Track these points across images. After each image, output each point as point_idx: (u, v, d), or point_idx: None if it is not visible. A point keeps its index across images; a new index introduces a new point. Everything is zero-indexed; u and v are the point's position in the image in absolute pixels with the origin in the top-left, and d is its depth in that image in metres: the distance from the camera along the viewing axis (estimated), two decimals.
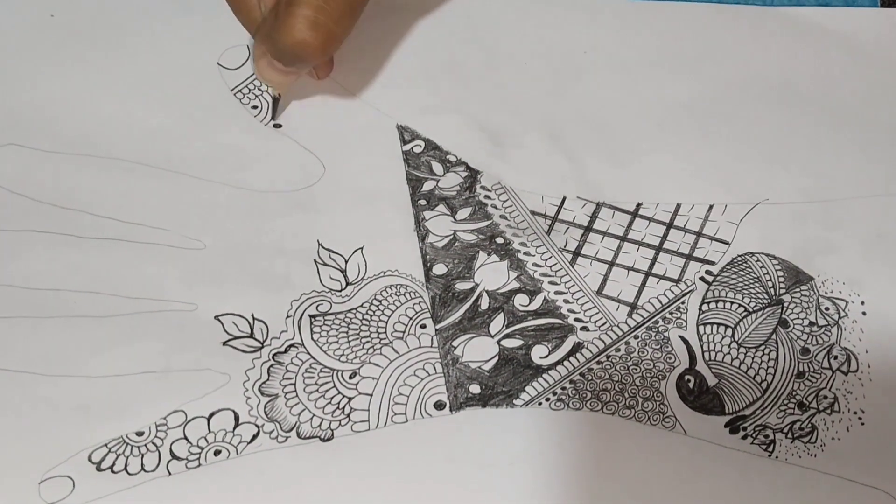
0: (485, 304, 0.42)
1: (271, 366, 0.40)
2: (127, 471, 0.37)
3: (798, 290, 0.43)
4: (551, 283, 0.43)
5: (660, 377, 0.41)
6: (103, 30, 0.48)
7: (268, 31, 0.39)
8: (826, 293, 0.43)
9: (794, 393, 0.41)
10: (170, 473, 0.37)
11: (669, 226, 0.45)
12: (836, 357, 0.42)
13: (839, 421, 0.40)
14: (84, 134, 0.45)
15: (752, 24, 0.50)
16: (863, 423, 0.40)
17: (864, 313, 0.43)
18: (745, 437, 0.40)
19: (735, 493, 0.39)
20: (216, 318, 0.41)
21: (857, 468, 0.39)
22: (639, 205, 0.45)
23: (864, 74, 0.49)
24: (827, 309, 0.43)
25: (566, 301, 0.43)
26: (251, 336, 0.40)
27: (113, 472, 0.37)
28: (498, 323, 0.42)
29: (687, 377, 0.41)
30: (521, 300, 0.43)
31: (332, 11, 0.38)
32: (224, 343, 0.40)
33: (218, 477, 0.37)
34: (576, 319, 0.42)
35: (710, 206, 0.45)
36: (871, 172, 0.46)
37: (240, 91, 0.47)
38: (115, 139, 0.45)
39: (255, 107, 0.47)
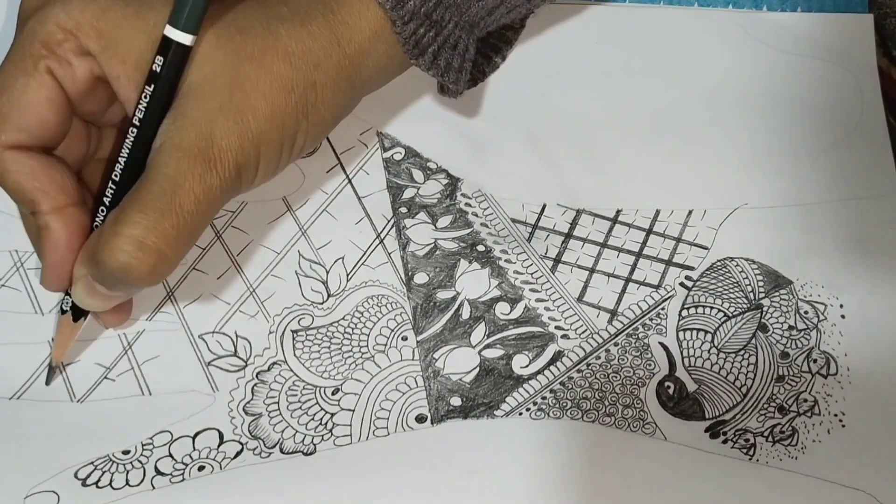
0: (466, 313, 0.43)
1: (255, 385, 0.40)
2: (111, 485, 0.37)
3: (777, 294, 0.43)
4: (532, 290, 0.44)
5: (640, 384, 0.41)
6: None
7: (91, 250, 0.33)
8: (805, 297, 0.43)
9: (773, 397, 0.41)
10: (154, 488, 0.38)
11: (649, 232, 0.45)
12: (815, 360, 0.42)
13: (819, 423, 0.41)
14: None
15: (729, 30, 0.50)
16: (843, 425, 0.41)
17: (842, 316, 0.43)
18: (725, 442, 0.40)
19: (716, 496, 0.39)
20: (200, 336, 0.41)
21: (838, 470, 0.40)
22: (618, 211, 0.45)
23: (841, 79, 0.49)
24: (806, 312, 0.43)
25: (547, 308, 0.43)
26: (235, 355, 0.41)
27: (98, 487, 0.37)
28: (479, 333, 0.42)
29: (667, 383, 0.41)
30: (502, 308, 0.43)
31: (167, 232, 0.32)
32: (209, 363, 0.40)
33: (201, 491, 0.38)
34: (556, 327, 0.43)
35: (690, 212, 0.45)
36: (848, 176, 0.46)
37: None
38: None
39: None
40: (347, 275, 0.43)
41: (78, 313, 0.36)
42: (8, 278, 0.41)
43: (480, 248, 0.44)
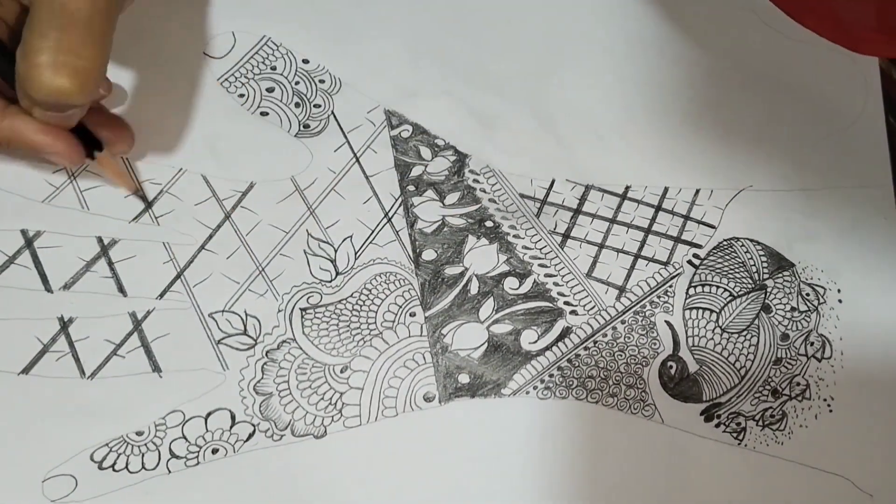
0: (474, 288, 0.43)
1: (265, 363, 0.41)
2: (128, 469, 0.38)
3: (781, 275, 0.44)
4: (541, 265, 0.44)
5: (643, 364, 0.42)
6: None
7: (21, 88, 0.35)
8: (807, 279, 0.44)
9: (769, 380, 0.42)
10: (169, 471, 0.38)
11: (658, 209, 0.45)
12: (812, 343, 0.43)
13: (808, 408, 0.42)
14: None
15: (738, 14, 0.50)
16: (831, 410, 0.42)
17: (840, 301, 0.44)
18: (718, 425, 0.41)
19: (703, 481, 0.40)
20: (210, 315, 0.41)
21: (819, 455, 0.41)
22: (627, 188, 0.45)
23: (846, 69, 0.49)
24: (807, 295, 0.44)
25: (556, 284, 0.43)
26: (244, 333, 0.41)
27: (114, 470, 0.38)
28: (487, 308, 0.43)
29: (669, 363, 0.42)
30: (510, 283, 0.43)
31: (72, 45, 0.34)
32: (219, 342, 0.41)
33: (216, 474, 0.39)
34: (565, 303, 0.43)
35: (697, 191, 0.45)
36: (848, 165, 0.47)
37: (226, 80, 0.46)
38: None
39: (241, 95, 0.46)
40: (356, 253, 0.43)
41: (89, 148, 0.40)
42: (18, 255, 0.41)
43: (489, 223, 0.44)
